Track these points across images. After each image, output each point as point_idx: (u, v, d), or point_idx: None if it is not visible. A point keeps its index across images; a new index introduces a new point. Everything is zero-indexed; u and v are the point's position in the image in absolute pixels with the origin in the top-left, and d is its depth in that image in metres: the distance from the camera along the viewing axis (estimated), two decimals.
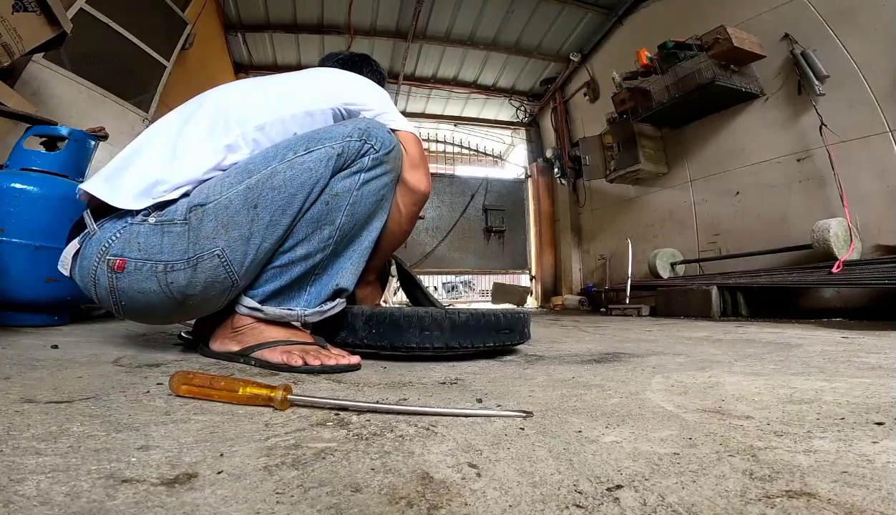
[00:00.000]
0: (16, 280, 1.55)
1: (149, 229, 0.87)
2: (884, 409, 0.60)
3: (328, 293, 0.99)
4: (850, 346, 1.31)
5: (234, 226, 0.87)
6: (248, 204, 0.88)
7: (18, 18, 1.93)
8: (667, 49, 3.64)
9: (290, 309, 0.97)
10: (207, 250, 0.87)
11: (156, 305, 0.91)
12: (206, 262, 0.87)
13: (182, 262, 0.87)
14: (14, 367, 0.85)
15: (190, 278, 0.88)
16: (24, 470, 0.38)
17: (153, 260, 0.87)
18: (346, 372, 0.90)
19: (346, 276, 1.01)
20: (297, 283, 0.97)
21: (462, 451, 0.46)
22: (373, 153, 0.96)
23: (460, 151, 7.15)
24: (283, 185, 0.89)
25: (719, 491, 0.36)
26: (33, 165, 1.66)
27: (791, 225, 3.25)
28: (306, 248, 0.94)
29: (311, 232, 0.94)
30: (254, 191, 0.88)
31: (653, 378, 0.86)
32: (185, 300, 0.91)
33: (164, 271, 0.87)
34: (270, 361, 0.91)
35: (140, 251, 0.87)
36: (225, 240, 0.87)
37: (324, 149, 0.92)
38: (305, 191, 0.91)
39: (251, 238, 0.89)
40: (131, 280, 0.88)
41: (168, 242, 0.87)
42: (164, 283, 0.88)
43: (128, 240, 0.87)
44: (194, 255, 0.87)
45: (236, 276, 0.91)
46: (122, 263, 0.87)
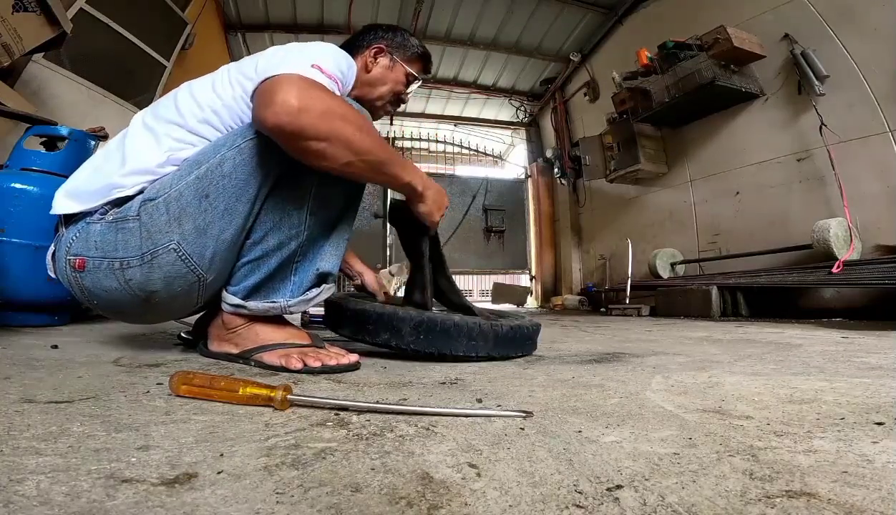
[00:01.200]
0: (16, 280, 1.55)
1: (104, 227, 0.87)
2: (884, 409, 0.60)
3: (311, 279, 0.97)
4: (850, 346, 1.31)
5: (186, 218, 0.85)
6: (199, 194, 0.85)
7: (18, 18, 1.93)
8: (667, 49, 3.64)
9: (274, 302, 0.95)
10: (162, 245, 0.85)
11: (123, 303, 0.91)
12: (161, 257, 0.86)
13: (136, 258, 0.86)
14: (14, 367, 0.85)
15: (147, 274, 0.87)
16: (24, 470, 0.38)
17: (109, 258, 0.86)
18: (346, 371, 0.90)
19: (328, 259, 0.98)
20: (278, 275, 0.95)
21: (462, 451, 0.46)
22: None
23: (460, 151, 7.14)
24: (233, 171, 0.86)
25: (719, 491, 0.36)
26: (33, 165, 1.66)
27: (791, 225, 3.25)
28: (277, 237, 0.92)
29: (279, 219, 0.91)
30: (204, 180, 0.86)
31: (653, 378, 0.86)
32: (149, 297, 0.89)
33: (121, 268, 0.87)
34: (268, 364, 0.91)
35: (97, 249, 0.87)
36: (179, 233, 0.85)
37: None
38: (260, 175, 0.88)
39: (207, 228, 0.86)
40: (93, 278, 0.88)
41: (121, 239, 0.86)
42: (122, 281, 0.87)
43: (86, 239, 0.88)
44: (148, 250, 0.85)
45: (200, 271, 0.89)
46: (81, 262, 0.88)
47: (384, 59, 1.21)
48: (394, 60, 1.22)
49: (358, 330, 1.05)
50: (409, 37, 1.26)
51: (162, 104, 0.96)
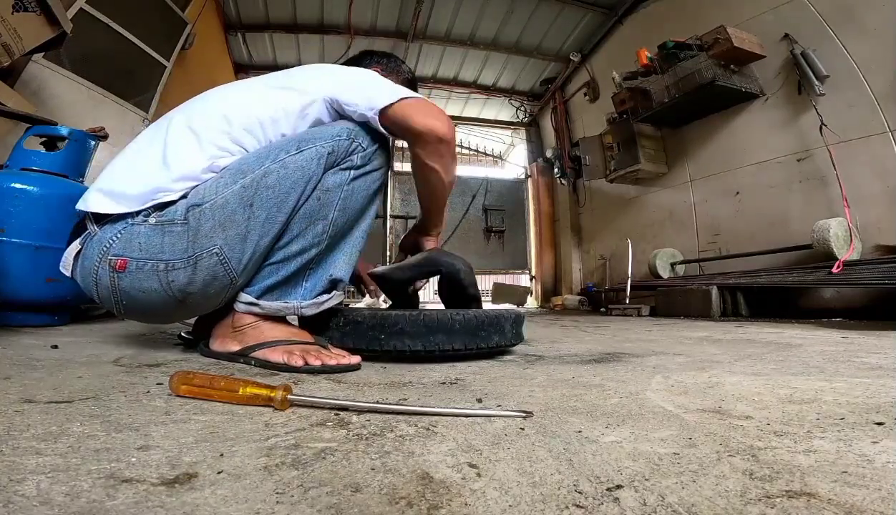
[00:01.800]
0: (16, 280, 1.55)
1: (149, 229, 0.90)
2: (884, 409, 0.60)
3: (323, 285, 1.01)
4: (850, 346, 1.31)
5: (231, 225, 0.90)
6: (243, 203, 0.90)
7: (18, 18, 1.93)
8: (667, 49, 3.64)
9: (287, 303, 0.98)
10: (206, 249, 0.89)
11: (156, 304, 0.93)
12: (204, 261, 0.90)
13: (182, 261, 0.89)
14: (14, 367, 0.85)
15: (190, 276, 0.90)
16: (24, 470, 0.38)
17: (154, 260, 0.89)
18: (346, 371, 0.91)
19: (340, 267, 1.03)
20: (293, 278, 0.98)
21: (462, 451, 0.46)
22: (360, 151, 0.99)
23: (460, 151, 7.13)
24: (277, 184, 0.92)
25: (719, 491, 0.36)
26: (33, 165, 1.66)
27: (791, 225, 3.25)
28: (301, 244, 0.96)
29: (305, 227, 0.96)
30: (249, 190, 0.91)
31: (653, 378, 0.86)
32: (185, 298, 0.93)
33: (166, 270, 0.89)
34: (271, 361, 0.91)
35: (141, 251, 0.89)
36: (223, 239, 0.90)
37: (315, 148, 0.95)
38: (299, 188, 0.93)
39: (248, 235, 0.91)
40: (133, 279, 0.90)
41: (168, 242, 0.89)
42: (164, 282, 0.90)
43: (129, 241, 0.90)
44: (194, 254, 0.89)
45: (234, 274, 0.93)
46: (123, 263, 0.90)
47: None
48: None
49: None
50: (400, 63, 1.40)
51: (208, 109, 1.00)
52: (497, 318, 1.09)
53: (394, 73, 1.36)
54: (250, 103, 1.01)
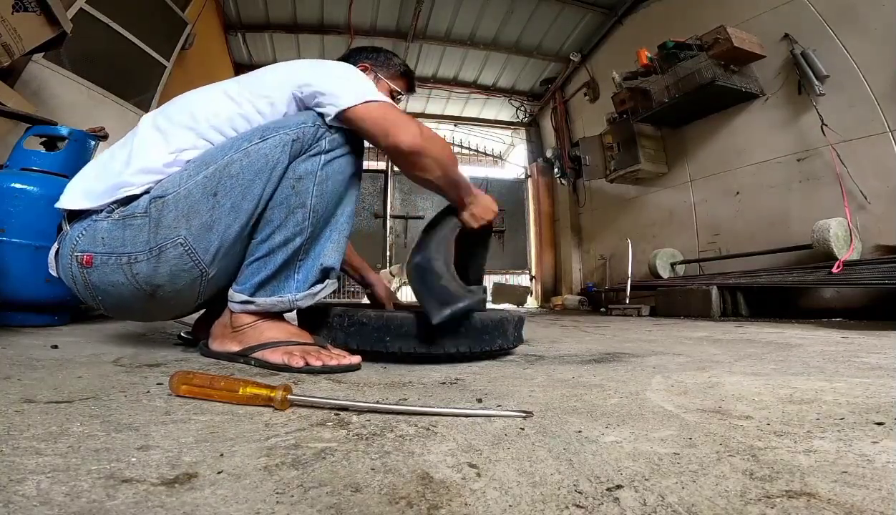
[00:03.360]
0: (16, 280, 1.55)
1: (111, 224, 0.92)
2: (884, 409, 0.60)
3: (315, 275, 1.01)
4: (850, 346, 1.31)
5: (195, 215, 0.91)
6: (207, 192, 0.91)
7: (18, 18, 1.92)
8: (667, 49, 3.64)
9: (281, 297, 0.98)
10: (169, 239, 0.90)
11: (128, 298, 0.95)
12: (168, 251, 0.91)
13: (144, 253, 0.91)
14: (14, 367, 0.85)
15: (154, 268, 0.91)
16: (24, 470, 0.38)
17: (117, 253, 0.91)
18: (346, 371, 0.91)
19: (329, 255, 1.02)
20: (283, 271, 0.98)
21: (462, 451, 0.46)
22: (328, 135, 0.97)
23: (460, 151, 7.13)
24: (241, 172, 0.92)
25: (719, 491, 0.36)
26: (33, 165, 1.66)
27: (791, 225, 3.25)
28: (284, 234, 0.95)
29: (285, 217, 0.95)
30: (212, 180, 0.91)
31: (653, 378, 0.86)
32: (154, 291, 0.94)
33: (129, 262, 0.91)
34: (271, 362, 0.91)
35: (105, 245, 0.92)
36: (187, 229, 0.90)
37: (278, 136, 0.94)
38: (264, 176, 0.93)
39: (214, 225, 0.91)
40: (100, 274, 0.93)
41: (130, 235, 0.91)
42: (129, 275, 0.92)
43: (93, 236, 0.92)
44: (156, 245, 0.90)
45: (203, 265, 0.93)
46: (89, 258, 0.93)
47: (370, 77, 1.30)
48: (378, 78, 1.33)
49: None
50: (392, 57, 1.38)
51: (174, 108, 1.01)
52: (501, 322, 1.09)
53: (384, 66, 1.35)
54: (218, 100, 1.00)
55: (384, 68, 1.35)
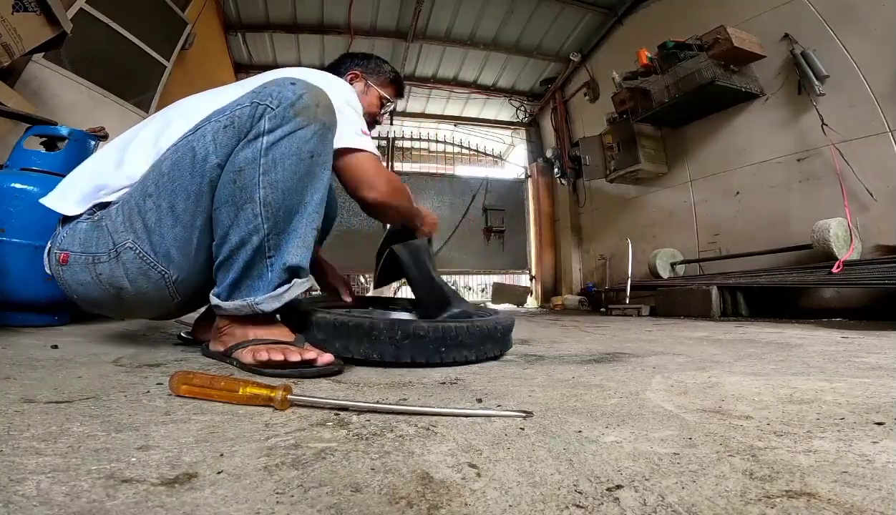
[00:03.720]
0: (16, 280, 1.55)
1: (88, 225, 0.95)
2: (884, 409, 0.60)
3: (279, 275, 0.92)
4: (850, 346, 1.31)
5: (136, 218, 0.92)
6: (143, 194, 0.91)
7: (18, 18, 1.92)
8: (667, 49, 3.64)
9: (245, 300, 0.91)
10: (121, 243, 0.92)
11: (98, 297, 0.99)
12: (123, 255, 0.93)
13: (105, 254, 0.94)
14: (14, 367, 0.85)
15: (114, 270, 0.94)
16: (24, 470, 0.38)
17: (87, 253, 0.95)
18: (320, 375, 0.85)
19: (293, 252, 0.92)
20: (252, 272, 0.91)
21: (462, 451, 0.46)
22: (269, 112, 0.86)
23: (460, 151, 7.14)
24: (171, 170, 0.90)
25: (719, 491, 0.36)
26: (33, 165, 1.66)
27: (791, 225, 3.25)
28: (238, 234, 0.88)
29: (235, 215, 0.87)
30: (147, 180, 0.92)
31: (653, 378, 0.86)
32: (118, 292, 0.96)
33: (93, 263, 0.95)
34: (242, 361, 0.89)
35: (80, 245, 0.95)
36: (133, 233, 0.92)
37: (210, 125, 0.89)
38: (193, 170, 0.88)
39: (156, 226, 0.91)
40: (72, 272, 0.97)
41: (96, 236, 0.94)
42: (94, 275, 0.95)
43: (73, 236, 0.96)
44: (113, 248, 0.93)
45: (161, 268, 0.94)
46: (65, 257, 0.97)
47: (360, 84, 1.35)
48: (368, 85, 1.35)
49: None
50: (382, 63, 1.40)
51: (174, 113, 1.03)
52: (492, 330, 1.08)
53: (374, 73, 1.36)
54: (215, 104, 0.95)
55: (374, 75, 1.36)
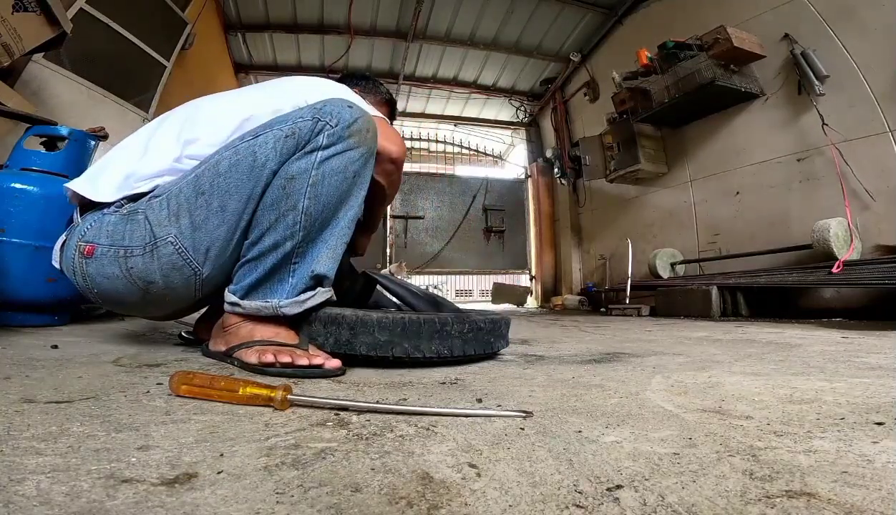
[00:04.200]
0: (16, 280, 1.55)
1: (118, 218, 0.94)
2: (884, 409, 0.60)
3: (305, 282, 0.95)
4: (850, 346, 1.31)
5: (183, 214, 0.91)
6: (196, 191, 0.91)
7: (18, 18, 1.92)
8: (667, 49, 3.64)
9: (267, 301, 0.93)
10: (161, 238, 0.92)
11: (122, 292, 0.96)
12: (161, 249, 0.92)
13: (140, 248, 0.92)
14: (14, 367, 0.85)
15: (147, 264, 0.92)
16: (24, 470, 0.38)
17: (116, 246, 0.93)
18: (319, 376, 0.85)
19: (323, 262, 0.95)
20: (275, 275, 0.94)
21: (462, 451, 0.46)
22: (328, 129, 0.91)
23: (460, 151, 7.14)
24: (228, 171, 0.91)
25: (719, 491, 0.36)
26: (33, 165, 1.66)
27: (791, 225, 3.25)
28: (273, 237, 0.91)
29: (275, 219, 0.91)
30: (202, 178, 0.92)
31: (653, 378, 0.86)
32: (147, 287, 0.95)
33: (125, 256, 0.93)
34: (245, 361, 0.89)
35: (108, 238, 0.94)
36: (176, 228, 0.91)
37: (272, 133, 0.91)
38: (255, 174, 0.90)
39: (203, 224, 0.91)
40: (98, 265, 0.94)
41: (130, 229, 0.93)
42: (124, 268, 0.93)
43: (99, 229, 0.94)
44: (150, 242, 0.92)
45: (196, 264, 0.93)
46: (91, 249, 0.94)
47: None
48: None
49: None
50: (378, 85, 1.43)
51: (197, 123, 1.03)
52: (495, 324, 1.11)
53: (371, 93, 1.38)
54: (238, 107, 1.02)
55: (370, 95, 1.38)
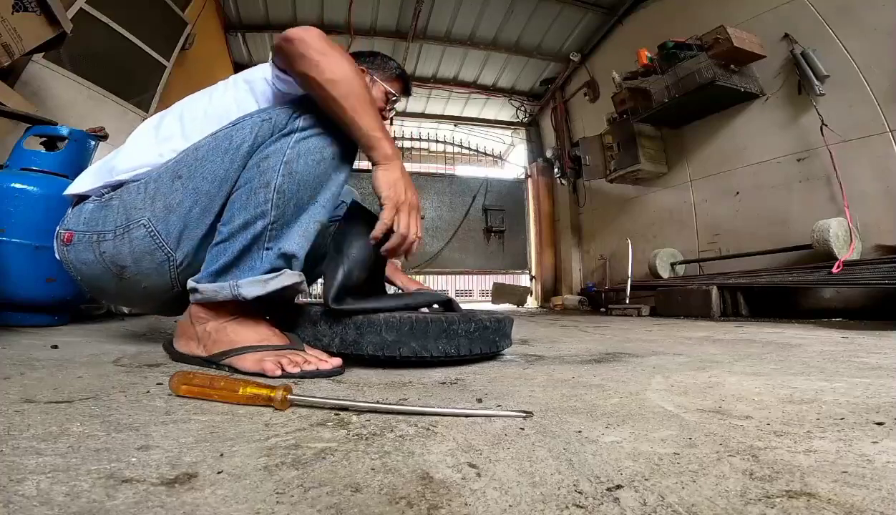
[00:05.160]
0: (16, 280, 1.55)
1: (95, 205, 0.97)
2: (884, 409, 0.60)
3: (272, 261, 0.90)
4: (850, 346, 1.31)
5: (159, 196, 0.92)
6: (173, 175, 0.93)
7: (18, 18, 1.92)
8: (667, 49, 3.63)
9: (224, 281, 0.88)
10: (134, 220, 0.93)
11: (100, 277, 0.98)
12: (133, 232, 0.93)
13: (111, 232, 0.94)
14: (14, 367, 0.85)
15: (119, 247, 0.94)
16: (24, 470, 0.38)
17: (90, 231, 0.96)
18: (329, 376, 0.84)
19: (293, 239, 0.91)
20: (244, 258, 0.89)
21: (462, 451, 0.46)
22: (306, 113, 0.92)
23: (460, 151, 7.14)
24: (206, 155, 0.92)
25: (719, 491, 0.36)
26: (33, 165, 1.66)
27: (791, 225, 3.25)
28: (244, 216, 0.88)
29: (246, 198, 0.89)
30: (179, 164, 0.93)
31: (653, 378, 0.86)
32: (120, 272, 0.96)
33: (98, 241, 0.95)
34: (241, 370, 0.85)
35: (84, 224, 0.97)
36: (151, 211, 0.92)
37: (250, 119, 0.93)
38: (227, 156, 0.92)
39: (178, 206, 0.92)
40: (76, 251, 0.97)
41: (104, 214, 0.95)
42: (97, 253, 0.95)
43: (78, 216, 0.98)
44: (122, 224, 0.93)
45: (168, 248, 0.93)
46: (69, 236, 0.98)
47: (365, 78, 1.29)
48: (374, 80, 1.32)
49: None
50: (388, 60, 1.38)
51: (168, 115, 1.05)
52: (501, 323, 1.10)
53: (380, 69, 1.34)
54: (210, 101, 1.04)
55: (380, 71, 1.34)
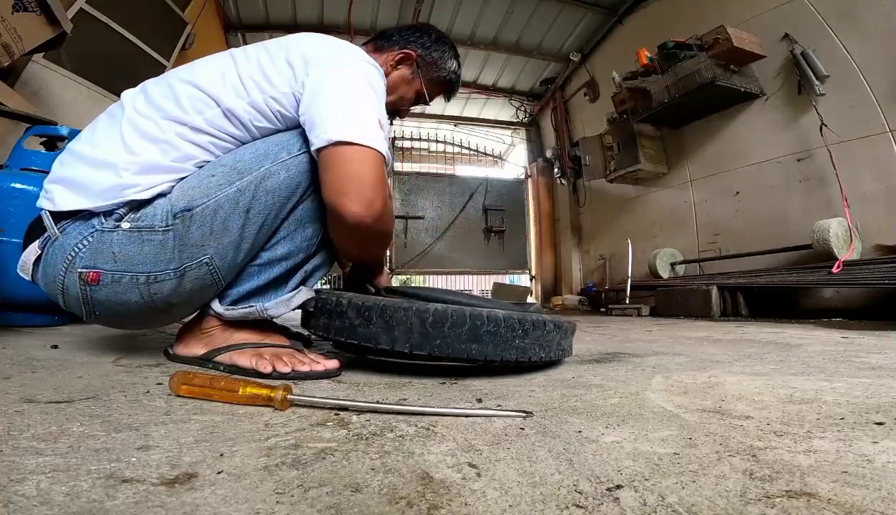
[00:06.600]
0: (16, 280, 1.54)
1: (125, 237, 0.79)
2: (884, 409, 0.60)
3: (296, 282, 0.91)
4: (849, 346, 1.31)
5: (224, 233, 0.82)
6: (240, 208, 0.82)
7: (18, 18, 1.92)
8: (667, 49, 3.64)
9: (251, 307, 0.88)
10: (196, 258, 0.82)
11: (135, 313, 0.86)
12: (193, 271, 0.82)
13: (167, 273, 0.81)
14: (14, 367, 0.85)
15: (175, 287, 0.83)
16: (24, 470, 0.38)
17: (133, 272, 0.80)
18: (320, 379, 0.84)
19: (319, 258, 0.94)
20: (276, 283, 0.90)
21: (462, 451, 0.46)
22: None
23: (460, 151, 7.14)
24: (278, 188, 0.84)
25: (719, 491, 0.36)
26: (33, 165, 1.66)
27: (791, 225, 3.25)
28: (287, 247, 0.88)
29: (294, 229, 0.87)
30: (245, 194, 0.82)
31: (653, 378, 0.86)
32: (168, 308, 0.86)
33: (147, 282, 0.81)
34: (239, 364, 0.85)
35: (116, 262, 0.80)
36: (214, 248, 0.82)
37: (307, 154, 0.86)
38: (300, 192, 0.86)
39: (241, 243, 0.84)
40: (109, 292, 0.81)
41: (149, 251, 0.80)
42: (146, 294, 0.82)
43: (99, 250, 0.80)
44: (181, 265, 0.81)
45: (222, 281, 0.87)
46: (95, 276, 0.80)
47: (406, 69, 1.11)
48: (415, 75, 1.12)
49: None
50: (449, 57, 1.15)
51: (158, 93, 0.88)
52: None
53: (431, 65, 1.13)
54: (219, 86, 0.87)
55: (431, 67, 1.13)
